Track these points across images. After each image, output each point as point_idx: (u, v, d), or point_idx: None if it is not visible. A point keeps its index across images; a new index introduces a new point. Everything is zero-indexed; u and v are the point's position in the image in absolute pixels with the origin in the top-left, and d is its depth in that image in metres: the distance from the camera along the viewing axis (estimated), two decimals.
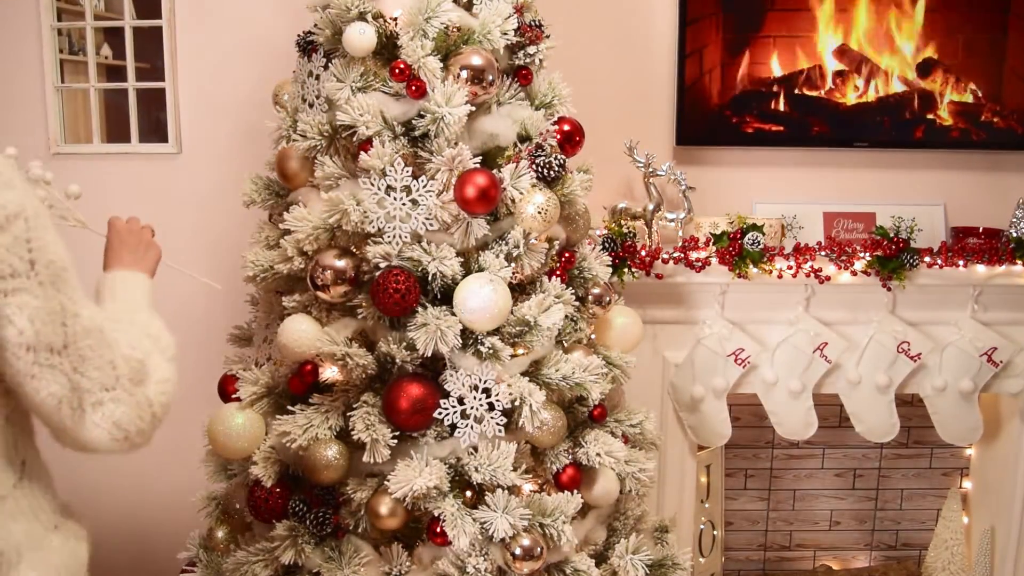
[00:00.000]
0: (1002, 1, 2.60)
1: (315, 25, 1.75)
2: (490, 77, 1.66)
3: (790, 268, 2.40)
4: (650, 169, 2.44)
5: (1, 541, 1.01)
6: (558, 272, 1.81)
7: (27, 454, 1.09)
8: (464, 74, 1.64)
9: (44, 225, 0.97)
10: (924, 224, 2.66)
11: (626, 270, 2.33)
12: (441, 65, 1.65)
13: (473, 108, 1.66)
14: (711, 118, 2.63)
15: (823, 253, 2.46)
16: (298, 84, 1.83)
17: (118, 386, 1.04)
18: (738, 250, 2.37)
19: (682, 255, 2.39)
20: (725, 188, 2.69)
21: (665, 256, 2.38)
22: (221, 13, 2.44)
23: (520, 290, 1.77)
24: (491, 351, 1.65)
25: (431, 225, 1.64)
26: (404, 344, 1.65)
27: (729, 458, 2.92)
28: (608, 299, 1.94)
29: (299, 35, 1.87)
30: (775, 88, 2.62)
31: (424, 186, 1.63)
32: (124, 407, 1.04)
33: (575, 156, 1.87)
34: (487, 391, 1.64)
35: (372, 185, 1.63)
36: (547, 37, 1.84)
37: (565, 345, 1.85)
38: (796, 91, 2.63)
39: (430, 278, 1.65)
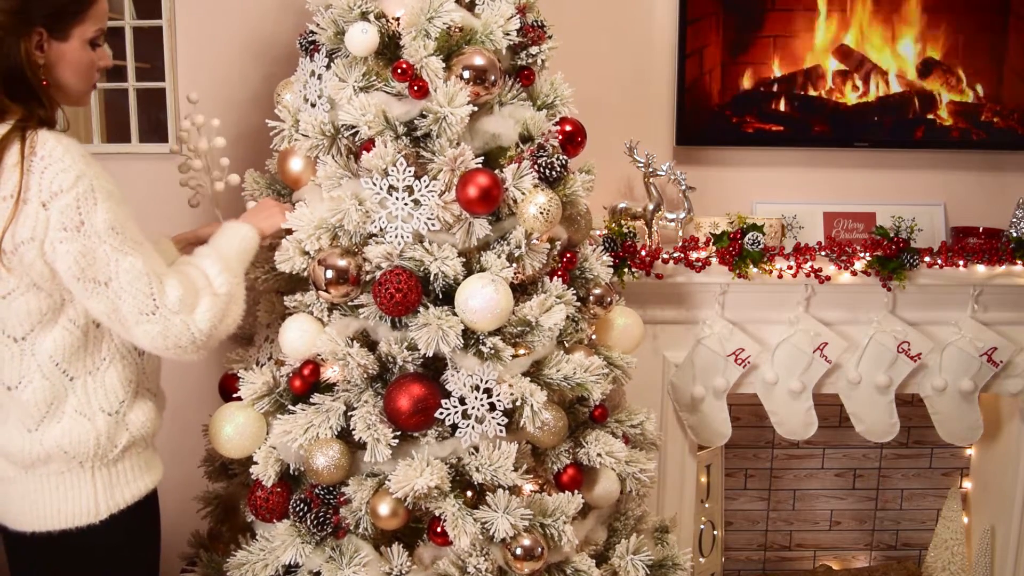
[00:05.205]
0: (1002, 1, 2.60)
1: (317, 25, 1.75)
2: (492, 77, 1.66)
3: (790, 268, 2.40)
4: (650, 169, 2.44)
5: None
6: (559, 272, 1.81)
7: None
8: (466, 74, 1.64)
9: (97, 197, 1.32)
10: (924, 224, 2.66)
11: (626, 270, 2.33)
12: (443, 65, 1.65)
13: (475, 108, 1.66)
14: (711, 118, 2.63)
15: (823, 253, 2.46)
16: (300, 84, 1.83)
17: (157, 312, 1.36)
18: (738, 250, 2.37)
19: (682, 255, 2.39)
20: (725, 188, 2.69)
21: (665, 256, 2.38)
22: (221, 13, 2.43)
23: (522, 290, 1.77)
24: (492, 351, 1.65)
25: (433, 225, 1.63)
26: (405, 344, 1.65)
27: (729, 458, 2.92)
28: (609, 299, 1.94)
29: (301, 35, 1.86)
30: (775, 88, 2.62)
31: (426, 186, 1.63)
32: (158, 327, 1.36)
33: (577, 157, 1.87)
34: (488, 391, 1.64)
35: (374, 185, 1.63)
36: (549, 38, 1.84)
37: (566, 345, 1.84)
38: (796, 91, 2.63)
39: (432, 278, 1.65)
